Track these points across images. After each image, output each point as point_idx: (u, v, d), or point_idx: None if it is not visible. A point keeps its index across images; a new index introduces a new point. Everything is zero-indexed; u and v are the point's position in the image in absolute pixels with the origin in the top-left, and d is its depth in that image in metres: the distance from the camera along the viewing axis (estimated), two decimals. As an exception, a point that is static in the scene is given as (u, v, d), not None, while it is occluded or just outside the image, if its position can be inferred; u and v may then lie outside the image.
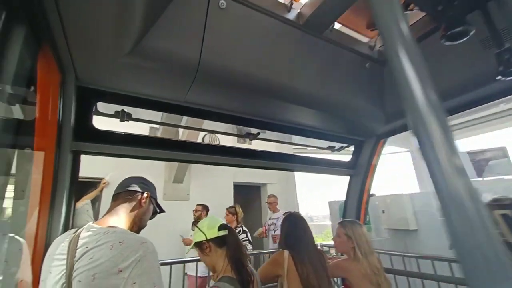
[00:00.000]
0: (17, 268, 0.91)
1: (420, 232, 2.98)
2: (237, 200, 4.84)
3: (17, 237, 1.06)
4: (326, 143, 2.16)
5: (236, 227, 2.95)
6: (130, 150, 1.33)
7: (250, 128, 1.80)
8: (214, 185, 4.52)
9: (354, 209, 2.13)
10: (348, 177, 2.20)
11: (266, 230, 3.77)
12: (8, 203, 1.02)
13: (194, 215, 3.40)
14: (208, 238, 1.17)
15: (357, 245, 1.59)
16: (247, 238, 2.91)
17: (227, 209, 3.32)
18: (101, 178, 3.55)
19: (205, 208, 3.43)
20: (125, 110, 1.31)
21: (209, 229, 1.19)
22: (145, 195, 1.08)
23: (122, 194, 1.05)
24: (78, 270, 0.79)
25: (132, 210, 1.04)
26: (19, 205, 1.05)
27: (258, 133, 1.69)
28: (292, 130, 1.75)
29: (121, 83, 1.18)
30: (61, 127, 1.09)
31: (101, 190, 3.53)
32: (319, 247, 1.71)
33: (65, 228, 1.13)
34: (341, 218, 4.16)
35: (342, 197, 2.28)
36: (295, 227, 1.56)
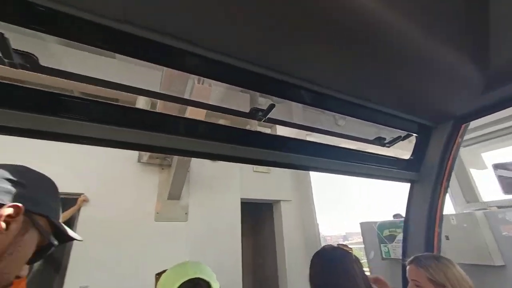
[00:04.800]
0: None
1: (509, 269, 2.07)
2: (245, 221, 4.07)
3: None
4: (371, 132, 1.47)
5: None
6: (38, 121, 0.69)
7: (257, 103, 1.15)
8: (218, 203, 3.80)
9: (421, 234, 1.37)
10: (408, 184, 1.47)
11: None
12: None
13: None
14: None
15: None
16: None
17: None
18: (79, 194, 2.92)
19: None
20: (9, 39, 0.67)
21: None
22: (6, 210, 0.43)
23: None
24: None
25: None
26: None
27: (272, 106, 1.03)
28: (321, 101, 1.08)
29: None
30: None
31: (79, 209, 2.89)
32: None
33: None
34: (384, 244, 3.22)
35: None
36: (330, 272, 0.86)
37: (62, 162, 2.77)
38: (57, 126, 0.71)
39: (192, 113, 2.56)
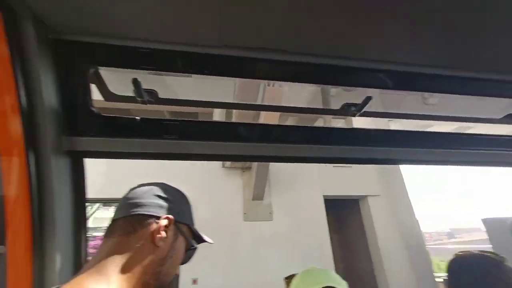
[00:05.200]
0: None
1: None
2: (330, 218, 3.93)
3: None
4: (489, 103, 1.17)
5: None
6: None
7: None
8: (300, 201, 3.79)
9: None
10: None
11: None
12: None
13: None
14: None
15: None
16: None
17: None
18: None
19: None
20: (140, 82, 0.80)
21: None
22: (162, 222, 0.52)
23: (120, 223, 0.52)
24: None
25: (138, 254, 0.49)
26: None
27: (369, 99, 0.93)
28: (426, 83, 0.91)
29: (123, 26, 0.69)
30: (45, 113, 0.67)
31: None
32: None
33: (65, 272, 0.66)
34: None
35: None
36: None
37: (163, 170, 3.27)
38: (163, 147, 0.81)
39: (267, 117, 2.62)
